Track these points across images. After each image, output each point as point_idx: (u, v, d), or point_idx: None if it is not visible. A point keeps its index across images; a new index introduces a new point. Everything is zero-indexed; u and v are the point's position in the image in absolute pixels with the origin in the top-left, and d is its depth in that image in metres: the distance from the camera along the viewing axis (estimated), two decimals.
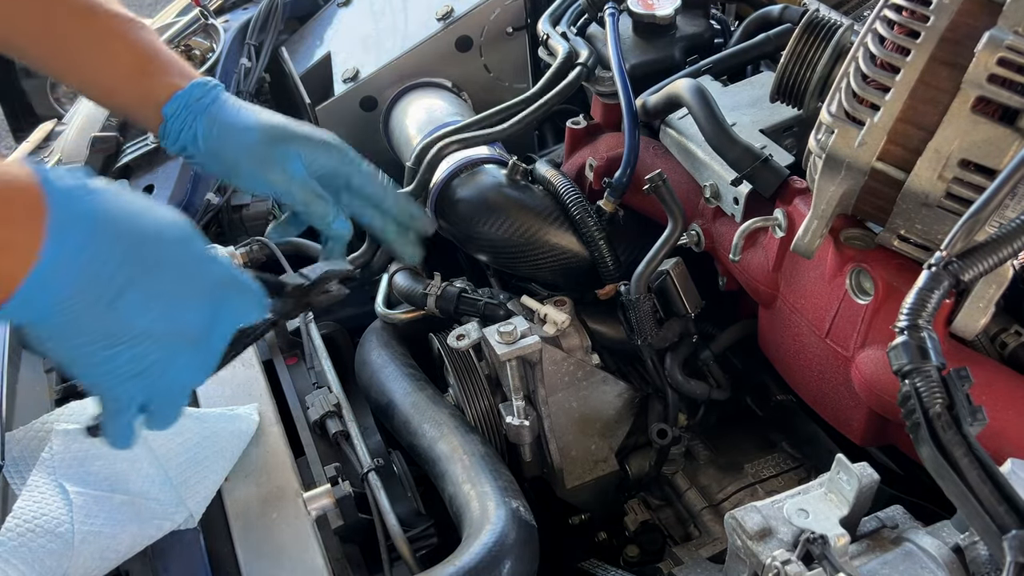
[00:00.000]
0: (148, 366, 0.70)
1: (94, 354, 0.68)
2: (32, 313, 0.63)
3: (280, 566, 0.88)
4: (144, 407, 0.76)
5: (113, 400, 0.73)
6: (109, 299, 0.65)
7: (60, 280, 0.62)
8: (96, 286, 0.64)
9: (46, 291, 0.62)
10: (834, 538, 0.65)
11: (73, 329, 0.65)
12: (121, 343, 0.68)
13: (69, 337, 0.66)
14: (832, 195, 0.85)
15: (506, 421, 1.12)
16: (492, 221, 1.22)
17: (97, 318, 0.66)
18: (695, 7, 1.33)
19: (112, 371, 0.69)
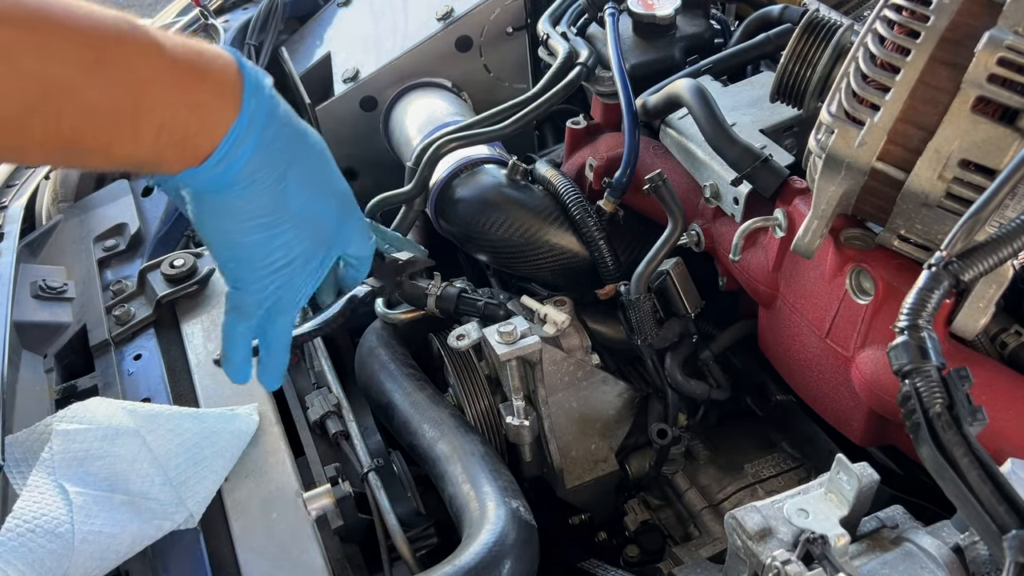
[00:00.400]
0: (293, 258, 0.76)
1: (254, 232, 0.73)
2: (217, 179, 0.69)
3: (280, 566, 0.88)
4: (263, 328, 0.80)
5: (253, 294, 0.77)
6: (276, 176, 0.71)
7: (246, 149, 0.68)
8: (269, 162, 0.70)
9: (234, 158, 0.68)
10: (834, 538, 0.65)
11: (244, 203, 0.71)
12: (280, 225, 0.74)
13: (238, 212, 0.71)
14: (832, 195, 0.85)
15: (506, 421, 1.12)
16: (492, 221, 1.22)
17: (265, 193, 0.71)
18: (695, 7, 1.33)
19: (264, 256, 0.75)
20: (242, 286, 0.77)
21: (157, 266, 1.24)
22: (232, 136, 0.67)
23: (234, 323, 0.79)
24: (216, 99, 0.66)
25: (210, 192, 0.71)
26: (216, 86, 0.66)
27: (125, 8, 0.88)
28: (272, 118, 0.70)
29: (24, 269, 1.28)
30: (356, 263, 0.89)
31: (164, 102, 0.63)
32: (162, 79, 0.63)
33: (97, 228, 1.40)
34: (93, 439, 0.91)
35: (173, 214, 1.45)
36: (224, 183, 0.70)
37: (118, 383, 1.12)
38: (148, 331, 1.19)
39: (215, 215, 0.72)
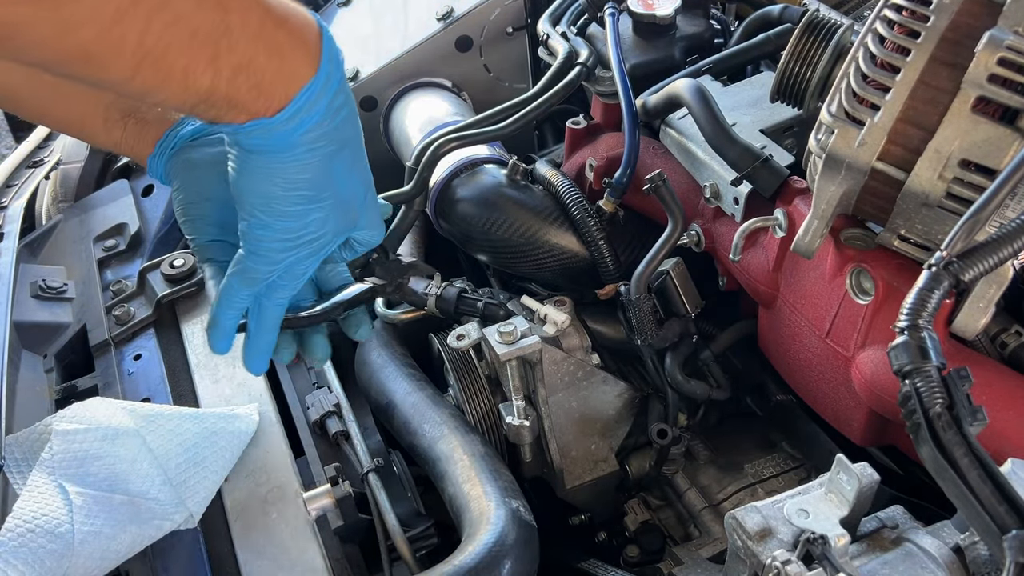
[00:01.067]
0: (320, 236, 0.75)
1: (296, 203, 0.72)
2: (281, 138, 0.67)
3: (280, 566, 0.88)
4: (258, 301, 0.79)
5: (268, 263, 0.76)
6: (332, 150, 0.71)
7: (316, 112, 0.67)
8: (331, 132, 0.69)
9: (304, 118, 0.66)
10: (834, 538, 0.65)
11: (297, 170, 0.70)
12: (320, 200, 0.73)
13: (288, 178, 0.70)
14: (832, 195, 0.85)
15: (506, 421, 1.12)
16: (492, 221, 1.22)
17: (319, 164, 0.70)
18: (695, 7, 1.33)
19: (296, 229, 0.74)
20: (261, 253, 0.75)
21: (157, 266, 1.24)
22: (307, 93, 0.66)
23: (237, 287, 0.77)
24: (296, 51, 0.65)
25: (266, 152, 0.69)
26: (298, 38, 0.65)
27: None
28: (342, 87, 0.69)
29: (24, 269, 1.28)
30: (359, 247, 0.88)
31: (249, 36, 0.61)
32: (249, 13, 0.61)
33: (97, 228, 1.40)
34: (93, 439, 0.91)
35: (173, 214, 1.45)
36: (286, 143, 0.68)
37: (118, 383, 1.12)
38: (148, 331, 1.19)
39: (262, 177, 0.70)
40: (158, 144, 0.86)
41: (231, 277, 0.77)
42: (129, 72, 0.58)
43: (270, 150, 0.68)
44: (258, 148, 0.68)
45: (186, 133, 0.86)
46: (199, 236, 0.87)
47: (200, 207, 0.86)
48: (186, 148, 0.86)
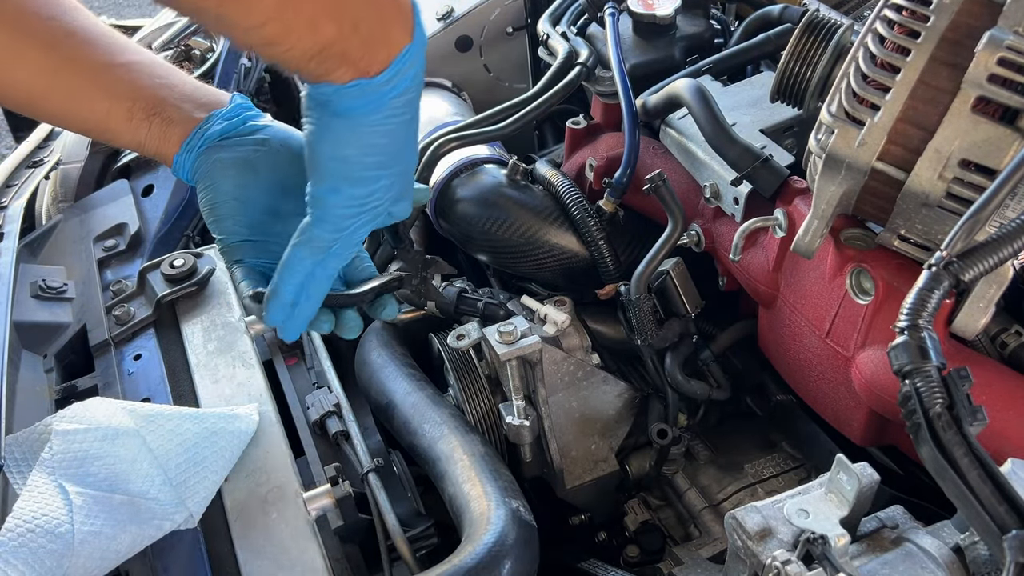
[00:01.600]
0: (383, 203, 0.78)
1: (371, 169, 0.75)
2: (374, 101, 0.71)
3: (280, 566, 0.88)
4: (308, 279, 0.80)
5: (334, 231, 0.77)
6: (410, 118, 0.75)
7: (407, 77, 0.71)
8: (412, 100, 0.74)
9: (398, 82, 0.71)
10: (834, 538, 0.65)
11: (379, 135, 0.73)
12: (392, 167, 0.76)
13: (369, 143, 0.74)
14: (832, 195, 0.85)
15: (506, 421, 1.12)
16: (492, 221, 1.22)
17: (398, 130, 0.75)
18: (695, 7, 1.33)
19: (366, 195, 0.76)
20: (330, 220, 0.77)
21: (157, 266, 1.24)
22: (403, 59, 0.69)
23: (302, 256, 0.78)
24: (397, 17, 0.69)
25: (353, 114, 0.72)
26: (398, 5, 0.69)
27: (124, 7, 0.88)
28: (423, 57, 0.72)
29: (24, 269, 1.28)
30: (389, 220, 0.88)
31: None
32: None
33: (97, 228, 1.40)
34: (93, 439, 0.91)
35: (173, 214, 1.46)
36: (377, 106, 0.71)
37: (118, 383, 1.12)
38: (148, 331, 1.19)
39: (344, 141, 0.73)
40: (185, 142, 0.86)
41: (296, 248, 0.79)
42: (265, 17, 0.62)
43: (359, 113, 0.72)
44: (347, 111, 0.72)
45: (215, 132, 0.86)
46: (229, 236, 0.87)
47: (229, 206, 0.86)
48: (215, 147, 0.86)
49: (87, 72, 0.83)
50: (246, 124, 0.87)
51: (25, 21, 0.80)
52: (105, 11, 4.36)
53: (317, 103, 0.73)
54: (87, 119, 0.86)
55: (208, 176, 0.86)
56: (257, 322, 1.18)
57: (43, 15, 0.81)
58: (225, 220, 0.86)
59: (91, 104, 0.84)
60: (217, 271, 1.24)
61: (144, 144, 0.87)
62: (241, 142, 0.87)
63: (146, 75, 0.86)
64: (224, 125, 0.86)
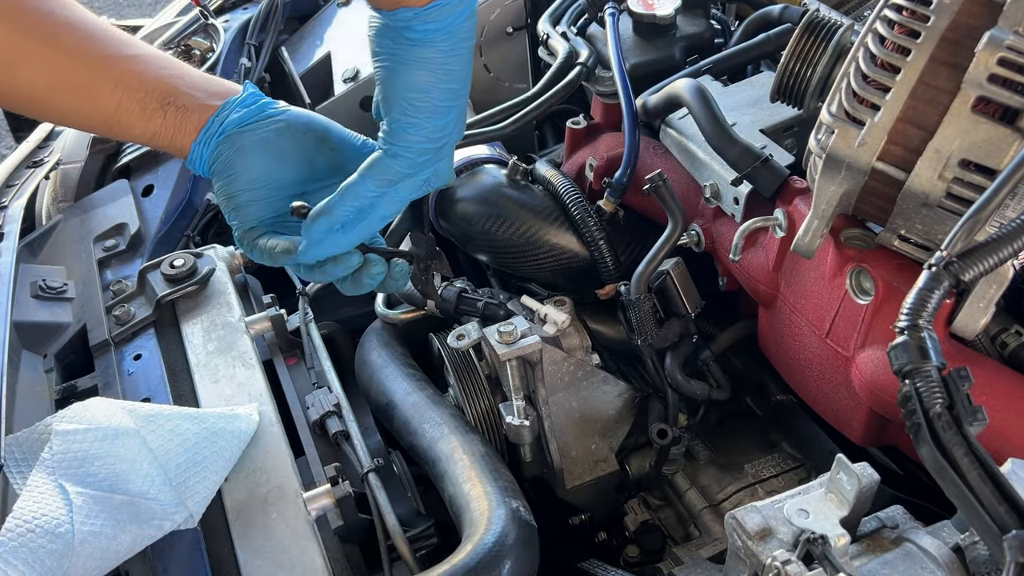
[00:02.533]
0: (450, 141, 0.82)
1: (445, 98, 0.78)
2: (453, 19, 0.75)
3: (280, 566, 0.88)
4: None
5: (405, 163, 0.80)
6: (472, 44, 0.78)
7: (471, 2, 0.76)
8: (474, 23, 0.78)
9: (465, 4, 0.75)
10: (834, 538, 0.65)
11: (455, 58, 0.77)
12: (462, 96, 0.80)
13: (446, 68, 0.77)
14: (832, 195, 0.85)
15: (506, 421, 1.12)
16: (492, 221, 1.22)
17: (466, 54, 0.78)
18: (695, 7, 1.33)
19: (442, 127, 0.80)
20: (404, 155, 0.80)
21: (157, 266, 1.24)
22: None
23: (370, 185, 0.81)
24: None
25: (430, 40, 0.75)
26: None
27: (124, 7, 0.88)
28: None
29: (24, 269, 1.28)
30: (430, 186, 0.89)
31: None
32: None
33: (97, 228, 1.40)
34: (93, 439, 0.91)
35: (173, 214, 1.46)
36: (452, 28, 0.75)
37: (118, 383, 1.12)
38: (148, 331, 1.19)
39: (422, 69, 0.76)
40: (204, 130, 0.84)
41: (365, 176, 0.81)
42: None
43: (436, 38, 0.75)
44: (424, 36, 0.75)
45: (234, 120, 0.85)
46: (251, 222, 0.85)
47: (253, 193, 0.85)
48: (235, 135, 0.84)
49: (93, 65, 0.82)
50: (264, 111, 0.86)
51: (23, 17, 0.79)
52: (105, 11, 4.36)
53: (393, 32, 0.76)
54: (94, 114, 0.84)
55: (229, 165, 0.85)
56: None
57: (42, 10, 0.80)
58: (248, 207, 0.85)
59: (99, 97, 0.83)
60: (217, 271, 1.24)
61: (159, 135, 0.85)
62: (263, 127, 0.85)
63: (154, 66, 0.84)
64: (243, 112, 0.85)
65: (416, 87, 0.77)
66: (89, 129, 0.91)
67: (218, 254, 1.27)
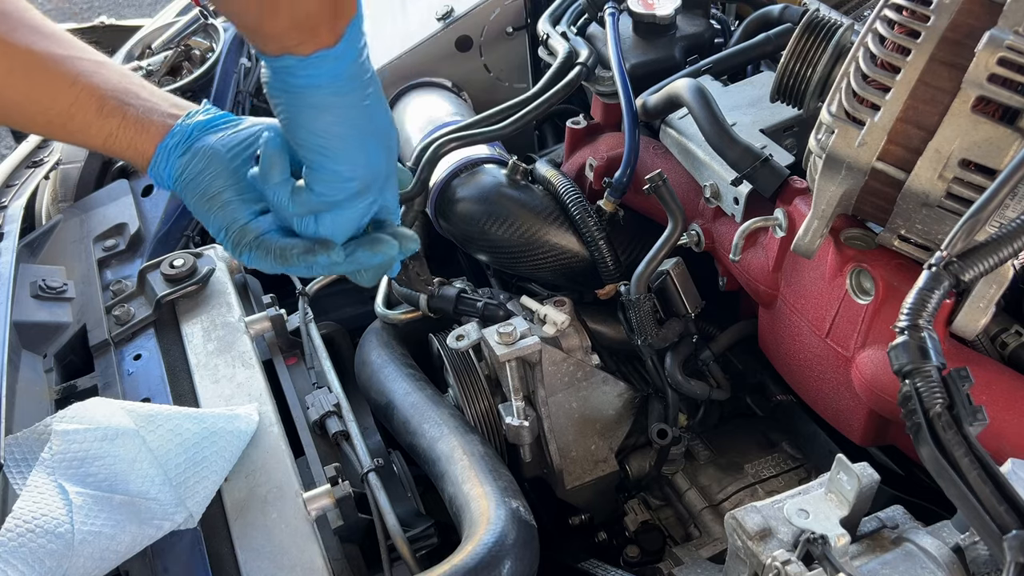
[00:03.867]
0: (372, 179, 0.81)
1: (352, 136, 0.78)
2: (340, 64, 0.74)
3: (280, 566, 0.88)
4: None
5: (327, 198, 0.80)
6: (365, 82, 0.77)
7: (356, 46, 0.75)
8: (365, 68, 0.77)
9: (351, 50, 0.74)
10: (834, 538, 0.65)
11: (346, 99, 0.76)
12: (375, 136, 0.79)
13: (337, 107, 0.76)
14: (832, 195, 0.85)
15: (506, 422, 1.12)
16: (492, 221, 1.22)
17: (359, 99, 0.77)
18: (695, 7, 1.33)
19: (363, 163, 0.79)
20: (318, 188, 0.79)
21: (157, 266, 1.24)
22: (354, 27, 0.73)
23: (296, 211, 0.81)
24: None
25: (316, 85, 0.74)
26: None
27: (124, 7, 0.88)
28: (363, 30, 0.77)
29: (24, 269, 1.28)
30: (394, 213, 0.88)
31: None
32: None
33: (97, 228, 1.40)
34: (93, 439, 0.91)
35: (173, 214, 1.45)
36: (336, 74, 0.74)
37: (118, 383, 1.12)
38: (148, 331, 1.19)
39: (313, 110, 0.75)
40: (170, 134, 0.81)
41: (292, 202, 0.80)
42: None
43: (323, 84, 0.74)
44: (311, 83, 0.74)
45: (199, 123, 0.82)
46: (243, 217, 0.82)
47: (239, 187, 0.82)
48: (204, 138, 0.82)
49: (52, 61, 0.77)
50: (226, 116, 0.85)
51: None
52: (105, 11, 4.36)
53: (282, 79, 0.75)
54: (50, 107, 0.79)
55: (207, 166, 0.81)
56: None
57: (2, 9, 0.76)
58: (232, 203, 0.82)
59: (55, 92, 0.78)
60: (217, 271, 1.24)
61: (115, 136, 0.80)
62: (228, 125, 0.84)
63: (116, 72, 0.81)
64: (206, 118, 0.83)
65: (316, 131, 0.76)
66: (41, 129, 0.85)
67: (218, 254, 1.27)
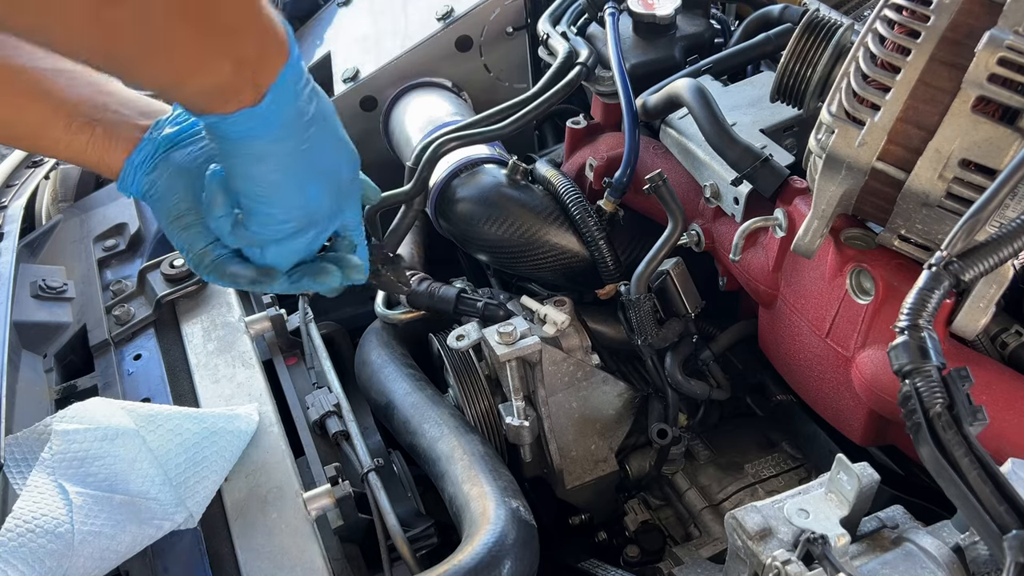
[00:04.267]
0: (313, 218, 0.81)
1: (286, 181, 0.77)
2: (264, 121, 0.73)
3: (280, 566, 0.88)
4: None
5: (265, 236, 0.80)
6: (304, 124, 0.76)
7: (290, 95, 0.73)
8: (302, 111, 0.75)
9: (283, 101, 0.72)
10: (834, 538, 0.65)
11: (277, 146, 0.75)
12: (306, 175, 0.78)
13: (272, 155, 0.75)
14: (832, 195, 0.85)
15: (506, 421, 1.12)
16: (492, 221, 1.22)
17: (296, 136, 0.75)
18: (695, 7, 1.33)
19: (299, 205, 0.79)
20: (256, 228, 0.79)
21: (157, 266, 1.24)
22: (285, 76, 0.72)
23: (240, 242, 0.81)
24: (274, 41, 0.71)
25: (247, 136, 0.73)
26: (276, 29, 0.71)
27: None
28: (303, 68, 0.75)
29: (24, 269, 1.28)
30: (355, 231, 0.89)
31: (248, 36, 0.68)
32: (253, 20, 0.68)
33: (97, 228, 1.40)
34: (93, 439, 0.91)
35: None
36: (267, 125, 0.73)
37: (118, 383, 1.12)
38: (148, 331, 1.19)
39: (244, 159, 0.75)
40: (136, 150, 0.81)
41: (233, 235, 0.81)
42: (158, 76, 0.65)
43: (252, 135, 0.73)
44: (239, 136, 0.72)
45: (168, 135, 0.82)
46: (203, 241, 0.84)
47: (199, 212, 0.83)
48: (170, 155, 0.82)
49: (18, 74, 0.77)
50: (195, 126, 0.84)
51: None
52: None
53: (211, 129, 0.73)
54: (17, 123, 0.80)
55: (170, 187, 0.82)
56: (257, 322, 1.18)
57: None
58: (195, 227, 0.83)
59: (22, 108, 0.78)
60: None
61: (85, 152, 0.81)
62: (196, 142, 0.83)
63: (83, 80, 0.81)
64: (175, 129, 0.82)
65: (249, 178, 0.76)
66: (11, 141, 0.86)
67: None
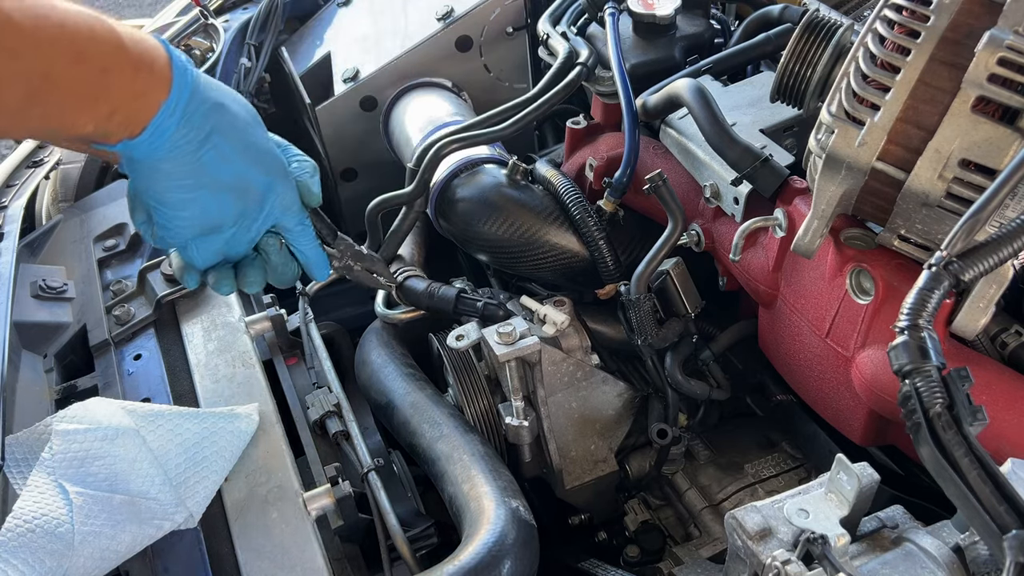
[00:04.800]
0: (218, 224, 0.88)
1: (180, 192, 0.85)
2: (151, 148, 0.81)
3: (280, 566, 0.88)
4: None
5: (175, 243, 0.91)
6: (197, 144, 0.83)
7: (171, 124, 0.81)
8: (190, 132, 0.82)
9: (162, 130, 0.80)
10: (834, 538, 0.65)
11: (170, 165, 0.83)
12: (203, 187, 0.85)
13: (166, 174, 0.84)
14: (832, 195, 0.85)
15: (505, 421, 1.12)
16: (492, 221, 1.22)
17: (186, 157, 0.83)
18: (695, 7, 1.33)
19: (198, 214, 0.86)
20: (166, 235, 0.89)
21: (157, 266, 1.24)
22: (162, 114, 0.80)
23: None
24: (154, 85, 0.79)
25: (143, 159, 0.82)
26: (155, 74, 0.79)
27: (124, 8, 0.88)
28: (193, 95, 0.82)
29: (24, 269, 1.28)
30: (292, 231, 0.96)
31: (119, 89, 0.76)
32: (122, 71, 0.76)
33: (97, 228, 1.40)
34: (93, 439, 0.91)
35: None
36: (153, 151, 0.81)
37: (118, 383, 1.12)
38: (148, 331, 1.19)
39: (148, 178, 0.84)
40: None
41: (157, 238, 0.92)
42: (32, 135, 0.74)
43: (143, 158, 0.82)
44: (129, 159, 0.83)
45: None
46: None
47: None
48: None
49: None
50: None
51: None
52: (105, 11, 4.35)
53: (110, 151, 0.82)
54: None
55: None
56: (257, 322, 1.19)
57: None
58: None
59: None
60: None
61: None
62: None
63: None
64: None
65: (145, 189, 0.86)
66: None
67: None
